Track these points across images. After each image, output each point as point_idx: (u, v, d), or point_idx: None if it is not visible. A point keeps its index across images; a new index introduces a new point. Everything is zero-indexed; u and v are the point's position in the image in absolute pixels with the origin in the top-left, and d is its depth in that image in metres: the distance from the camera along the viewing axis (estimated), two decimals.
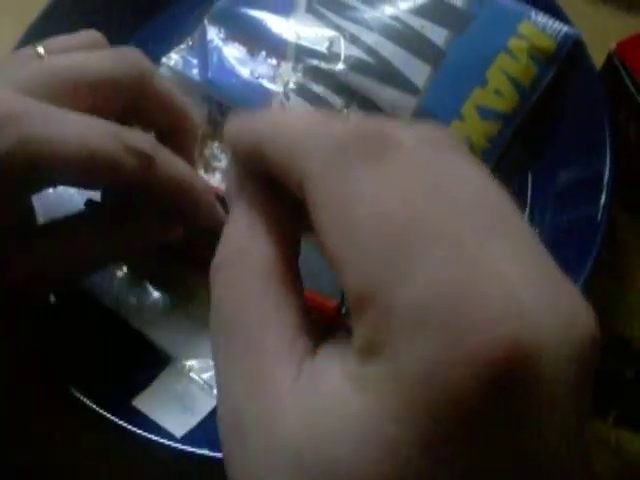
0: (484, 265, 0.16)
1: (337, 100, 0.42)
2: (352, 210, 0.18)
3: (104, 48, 0.34)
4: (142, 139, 0.31)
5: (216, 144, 0.43)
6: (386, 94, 0.42)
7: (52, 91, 0.30)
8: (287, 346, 0.19)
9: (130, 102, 0.34)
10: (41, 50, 0.32)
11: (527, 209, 0.41)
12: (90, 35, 0.35)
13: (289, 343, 0.19)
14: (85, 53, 0.32)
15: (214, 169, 0.43)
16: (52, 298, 0.38)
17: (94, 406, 0.35)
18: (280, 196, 0.21)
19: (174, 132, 0.36)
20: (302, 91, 0.42)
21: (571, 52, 0.42)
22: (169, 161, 0.32)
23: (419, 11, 0.43)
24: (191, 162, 0.36)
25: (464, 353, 0.15)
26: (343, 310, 0.37)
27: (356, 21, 0.43)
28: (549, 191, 0.41)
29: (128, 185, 0.31)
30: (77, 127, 0.29)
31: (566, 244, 0.39)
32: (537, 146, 0.43)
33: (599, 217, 0.38)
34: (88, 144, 0.29)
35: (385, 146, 0.18)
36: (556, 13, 0.43)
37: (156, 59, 0.45)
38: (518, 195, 0.43)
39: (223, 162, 0.43)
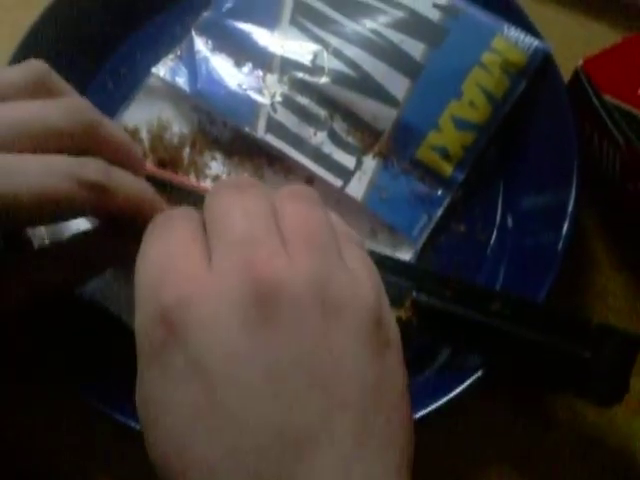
0: None
1: (321, 112, 0.44)
2: None
3: (49, 89, 0.34)
4: (94, 169, 0.32)
5: (206, 152, 0.46)
6: (368, 106, 0.44)
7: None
8: None
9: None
10: None
11: (498, 214, 0.45)
12: (35, 70, 0.34)
13: None
14: (35, 105, 0.32)
15: (205, 176, 0.45)
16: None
17: (108, 410, 0.38)
18: None
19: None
20: (288, 103, 0.44)
21: (541, 65, 0.45)
22: (122, 184, 0.33)
23: (398, 25, 0.45)
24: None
25: None
26: None
27: (338, 34, 0.45)
28: (519, 202, 0.44)
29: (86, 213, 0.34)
30: (36, 174, 0.30)
31: (531, 252, 0.42)
32: (509, 156, 0.45)
33: (560, 246, 0.40)
34: (46, 190, 0.30)
35: None
36: (527, 26, 0.45)
37: (145, 68, 0.47)
38: (490, 201, 0.46)
39: (214, 169, 0.45)
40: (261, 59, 0.46)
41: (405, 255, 0.43)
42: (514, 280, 0.41)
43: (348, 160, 0.44)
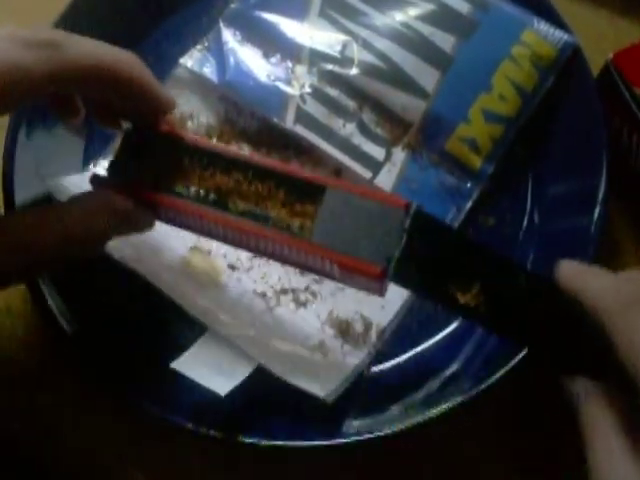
0: None
1: (350, 103, 0.44)
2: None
3: None
4: (41, 30, 0.30)
5: (233, 143, 0.45)
6: (397, 98, 0.44)
7: None
8: None
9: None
10: None
11: (527, 211, 0.44)
12: None
13: None
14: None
15: None
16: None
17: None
18: None
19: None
20: (317, 94, 0.44)
21: (570, 59, 0.45)
22: (76, 41, 0.31)
23: (427, 18, 0.45)
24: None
25: None
26: (389, 274, 0.33)
27: (368, 27, 0.45)
28: (548, 191, 0.44)
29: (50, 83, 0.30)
30: None
31: (561, 246, 0.42)
32: (537, 149, 0.45)
33: (592, 229, 0.40)
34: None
35: None
36: (556, 20, 0.45)
37: (171, 59, 0.47)
38: (519, 194, 0.46)
39: None
40: (290, 50, 0.46)
41: None
42: (545, 270, 0.41)
43: (377, 151, 0.44)
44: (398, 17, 0.45)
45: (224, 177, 0.34)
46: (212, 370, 0.38)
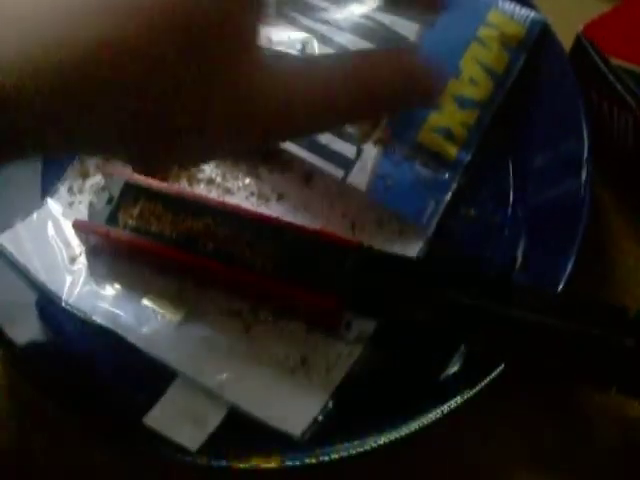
0: None
1: None
2: None
3: None
4: None
5: None
6: None
7: None
8: None
9: None
10: None
11: (510, 193, 0.42)
12: None
13: None
14: None
15: (198, 180, 0.43)
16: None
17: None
18: None
19: None
20: None
21: (540, 37, 0.43)
22: None
23: (388, 7, 0.43)
24: None
25: None
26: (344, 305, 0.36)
27: (327, 22, 0.44)
28: (530, 173, 0.42)
29: None
30: None
31: (551, 225, 0.40)
32: (515, 130, 0.43)
33: (582, 193, 0.39)
34: None
35: None
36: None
37: None
38: (500, 180, 0.44)
39: (206, 172, 0.43)
40: None
41: (415, 245, 0.41)
42: (538, 250, 0.39)
43: (347, 149, 0.42)
44: (357, 10, 0.44)
45: (195, 221, 0.38)
46: (183, 421, 0.36)
